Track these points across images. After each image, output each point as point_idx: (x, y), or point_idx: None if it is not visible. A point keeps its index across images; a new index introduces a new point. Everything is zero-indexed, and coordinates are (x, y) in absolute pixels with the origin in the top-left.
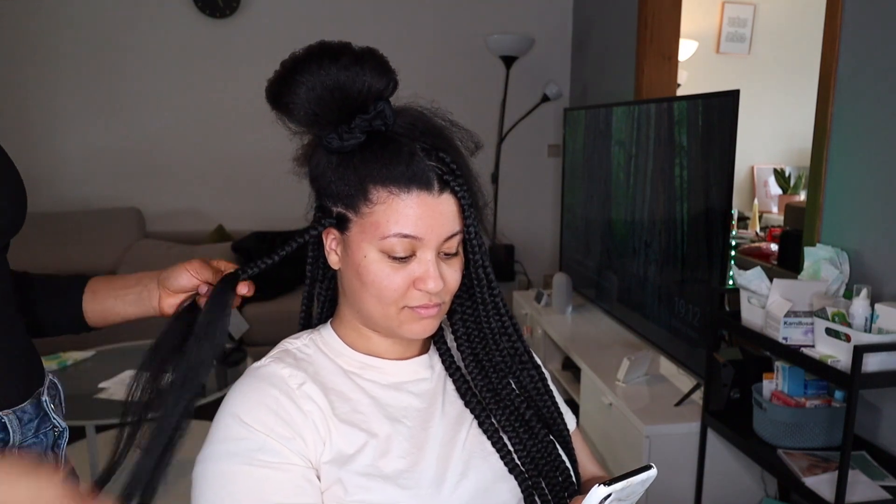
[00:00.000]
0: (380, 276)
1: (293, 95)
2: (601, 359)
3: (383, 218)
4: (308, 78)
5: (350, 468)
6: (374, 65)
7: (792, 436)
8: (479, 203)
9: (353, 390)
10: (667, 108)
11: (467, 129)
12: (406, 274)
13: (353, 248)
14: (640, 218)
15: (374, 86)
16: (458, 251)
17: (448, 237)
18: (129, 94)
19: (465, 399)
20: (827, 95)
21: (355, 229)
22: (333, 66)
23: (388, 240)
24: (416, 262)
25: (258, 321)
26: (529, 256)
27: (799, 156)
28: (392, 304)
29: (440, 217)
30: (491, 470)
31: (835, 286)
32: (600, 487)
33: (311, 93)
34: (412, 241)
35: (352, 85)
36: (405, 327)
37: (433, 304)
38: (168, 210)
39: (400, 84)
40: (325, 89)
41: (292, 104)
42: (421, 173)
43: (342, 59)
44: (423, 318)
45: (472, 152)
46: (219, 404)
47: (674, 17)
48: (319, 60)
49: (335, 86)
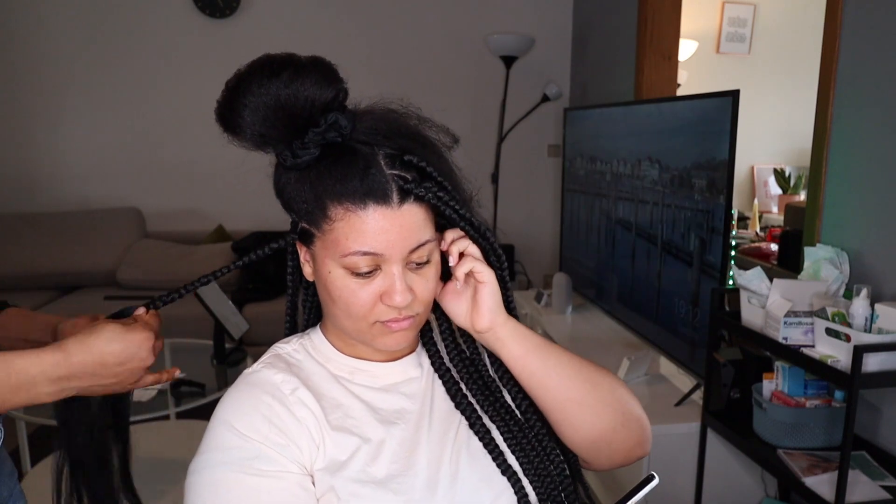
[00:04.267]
0: (345, 292)
1: (239, 118)
2: (601, 359)
3: (342, 235)
4: (250, 99)
5: (342, 475)
6: (318, 77)
7: (792, 436)
8: (464, 197)
9: (345, 395)
10: (667, 108)
11: (440, 125)
12: (372, 289)
13: (318, 263)
14: (641, 218)
15: (319, 98)
16: (431, 259)
17: (414, 248)
18: (129, 94)
19: (455, 400)
20: (827, 95)
21: (318, 245)
22: (274, 84)
23: (349, 257)
24: (381, 276)
25: (258, 321)
26: (529, 256)
27: (799, 156)
28: (361, 320)
29: (402, 230)
30: (482, 470)
31: (835, 286)
32: None
33: (255, 114)
34: (373, 257)
35: (294, 101)
36: (378, 340)
37: (403, 317)
38: (168, 210)
39: (400, 84)
40: (267, 109)
41: (239, 127)
42: (378, 186)
43: (283, 74)
44: (394, 331)
45: (449, 147)
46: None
47: (674, 17)
48: (259, 79)
49: (276, 104)
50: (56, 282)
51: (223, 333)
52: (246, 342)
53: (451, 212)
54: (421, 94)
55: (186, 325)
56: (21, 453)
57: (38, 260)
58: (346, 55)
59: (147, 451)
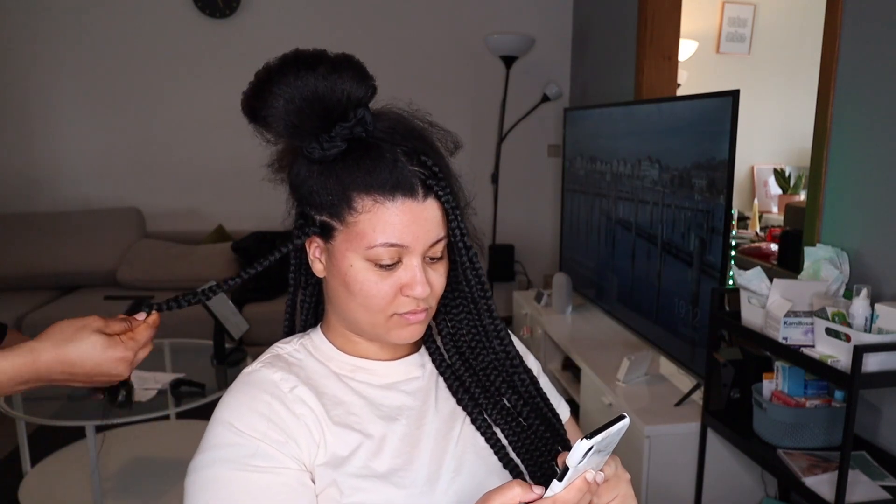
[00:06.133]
0: (367, 284)
1: (271, 108)
2: (601, 359)
3: (369, 227)
4: (285, 90)
5: (344, 470)
6: (353, 72)
7: (792, 436)
8: (461, 203)
9: (346, 392)
10: (667, 108)
11: (447, 130)
12: (393, 281)
13: (338, 257)
14: (641, 218)
15: (354, 94)
16: (443, 255)
17: (433, 243)
18: (129, 94)
19: (456, 396)
20: (827, 95)
21: (340, 238)
22: (311, 76)
23: (375, 249)
24: (402, 268)
25: (258, 321)
26: (529, 256)
27: (799, 156)
28: (380, 313)
29: (425, 223)
30: (485, 465)
31: (835, 286)
32: (583, 441)
33: (289, 105)
34: (399, 249)
35: (331, 94)
36: (393, 333)
37: (420, 309)
38: (168, 210)
39: (400, 84)
40: (303, 100)
41: (270, 117)
42: (404, 179)
43: (319, 68)
44: (410, 323)
45: (452, 153)
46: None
47: (674, 17)
48: (296, 71)
49: (314, 96)
50: (56, 282)
51: (223, 333)
52: (246, 342)
53: (452, 217)
54: (421, 93)
55: (186, 325)
56: (21, 453)
57: (38, 260)
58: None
59: (147, 451)
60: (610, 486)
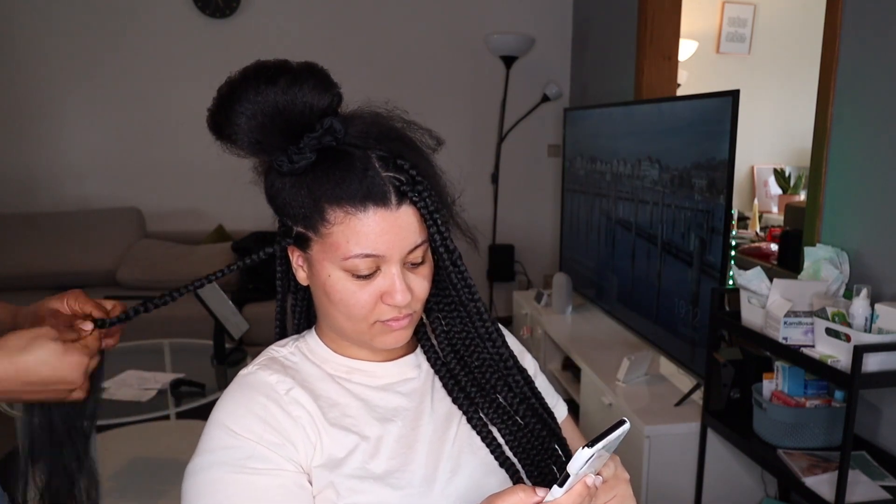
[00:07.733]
0: (346, 294)
1: (234, 126)
2: (601, 359)
3: (342, 238)
4: (246, 106)
5: (341, 471)
6: (315, 82)
7: (792, 436)
8: (447, 201)
9: (342, 394)
10: (667, 108)
11: (426, 128)
12: (372, 290)
13: (316, 267)
14: (641, 218)
15: (317, 104)
16: (425, 258)
17: (412, 249)
18: (129, 94)
19: (452, 395)
20: (827, 95)
21: (316, 248)
22: (271, 90)
23: (350, 260)
24: (381, 276)
25: (258, 321)
26: (529, 256)
27: (799, 156)
28: (362, 321)
29: (400, 231)
30: (482, 465)
31: (835, 286)
32: (584, 450)
33: (251, 121)
34: (375, 259)
35: (292, 107)
36: (377, 340)
37: (403, 315)
38: (168, 210)
39: (400, 84)
40: (265, 116)
41: (234, 135)
42: (376, 188)
43: (279, 81)
44: (394, 329)
45: (434, 150)
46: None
47: (674, 17)
48: (256, 85)
49: (275, 111)
50: (56, 282)
51: (223, 333)
52: (246, 342)
53: (431, 222)
54: (421, 94)
55: (186, 325)
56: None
57: (38, 260)
58: (345, 55)
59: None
60: (608, 487)
